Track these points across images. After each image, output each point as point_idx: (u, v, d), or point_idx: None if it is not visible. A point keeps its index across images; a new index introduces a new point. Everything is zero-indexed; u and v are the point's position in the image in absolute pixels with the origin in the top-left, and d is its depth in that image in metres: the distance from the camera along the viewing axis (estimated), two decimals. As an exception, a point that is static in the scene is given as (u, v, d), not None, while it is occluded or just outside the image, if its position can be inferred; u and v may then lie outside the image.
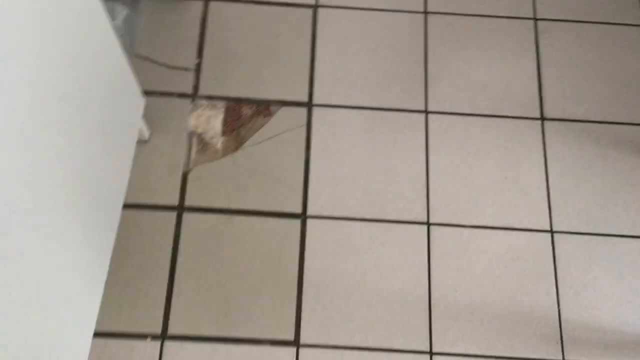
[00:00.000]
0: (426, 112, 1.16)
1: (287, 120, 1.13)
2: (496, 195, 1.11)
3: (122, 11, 0.98)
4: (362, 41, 1.20)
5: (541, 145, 1.16)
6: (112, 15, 0.96)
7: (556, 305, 1.04)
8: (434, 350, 1.01)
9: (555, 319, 1.03)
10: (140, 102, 0.98)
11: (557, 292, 1.05)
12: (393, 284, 1.04)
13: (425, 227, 1.08)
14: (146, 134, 1.07)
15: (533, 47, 1.23)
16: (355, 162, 1.11)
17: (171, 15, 1.17)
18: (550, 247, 1.08)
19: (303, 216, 1.07)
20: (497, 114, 1.17)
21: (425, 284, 1.04)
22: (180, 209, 1.05)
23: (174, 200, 1.05)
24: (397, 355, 1.00)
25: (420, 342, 1.01)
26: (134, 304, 0.99)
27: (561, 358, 1.01)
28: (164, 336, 0.98)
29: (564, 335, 1.02)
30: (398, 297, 1.03)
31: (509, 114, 1.17)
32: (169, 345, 0.97)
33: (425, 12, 1.24)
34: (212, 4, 1.20)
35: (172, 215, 1.04)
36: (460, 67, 1.20)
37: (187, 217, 1.05)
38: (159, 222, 1.04)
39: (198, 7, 1.19)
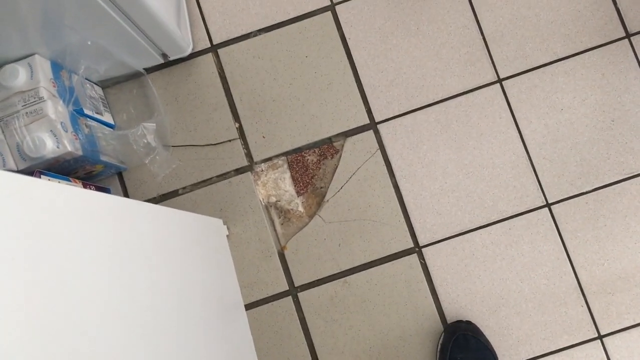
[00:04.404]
0: (499, 80, 1.02)
1: (357, 151, 1.01)
2: (609, 144, 0.99)
3: (151, 127, 0.85)
4: (398, 23, 1.04)
5: (637, 65, 1.00)
6: (143, 136, 0.84)
7: None
8: (602, 332, 0.95)
9: None
10: (219, 224, 0.89)
11: None
12: (537, 283, 0.97)
13: (546, 210, 0.98)
14: (225, 229, 0.98)
15: (591, -47, 1.03)
16: (445, 168, 1.00)
17: (187, 85, 1.03)
18: (687, 180, 0.97)
19: (417, 249, 0.99)
20: (576, 51, 1.01)
21: (569, 270, 0.97)
22: (294, 290, 0.99)
23: (283, 285, 0.99)
24: (566, 353, 0.95)
25: (586, 330, 0.95)
26: (292, 401, 0.96)
27: None
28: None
29: None
30: (547, 295, 0.96)
31: (590, 45, 1.01)
32: None
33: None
34: (221, 52, 1.05)
35: (288, 301, 0.98)
36: (516, 9, 1.02)
37: (302, 296, 0.98)
38: (279, 313, 0.98)
39: (209, 62, 1.04)
